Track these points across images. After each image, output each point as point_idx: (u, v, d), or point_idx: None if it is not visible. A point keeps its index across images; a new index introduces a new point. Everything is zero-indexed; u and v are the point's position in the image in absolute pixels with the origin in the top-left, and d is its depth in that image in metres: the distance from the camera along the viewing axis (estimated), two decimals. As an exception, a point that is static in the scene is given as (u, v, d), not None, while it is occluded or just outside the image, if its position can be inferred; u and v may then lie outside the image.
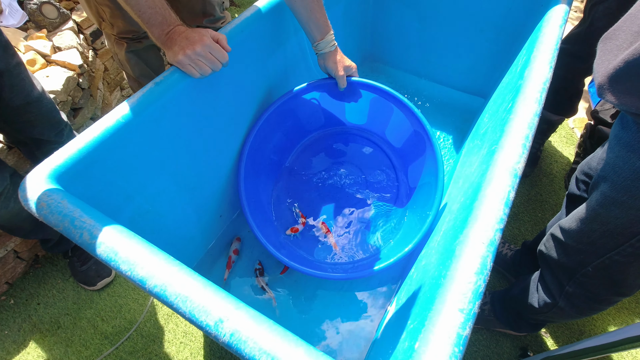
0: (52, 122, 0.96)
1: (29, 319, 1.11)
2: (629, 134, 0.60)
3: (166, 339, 1.06)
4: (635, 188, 0.59)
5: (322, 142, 1.23)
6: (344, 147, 1.23)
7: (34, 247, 1.19)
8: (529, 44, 0.92)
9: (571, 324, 1.10)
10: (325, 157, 1.22)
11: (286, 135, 1.15)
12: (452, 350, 0.41)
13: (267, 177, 1.13)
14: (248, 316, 0.43)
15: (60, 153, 0.60)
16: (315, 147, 1.23)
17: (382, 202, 1.13)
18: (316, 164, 1.20)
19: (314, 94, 1.06)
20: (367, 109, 1.12)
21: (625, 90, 0.56)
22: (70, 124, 1.04)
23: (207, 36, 0.71)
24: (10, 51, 0.82)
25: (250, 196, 1.01)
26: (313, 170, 1.20)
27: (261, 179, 1.10)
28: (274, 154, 1.14)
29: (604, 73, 0.59)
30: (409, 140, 1.07)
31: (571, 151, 1.52)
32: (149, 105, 0.70)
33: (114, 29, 1.00)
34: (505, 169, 0.58)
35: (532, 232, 1.28)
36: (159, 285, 0.46)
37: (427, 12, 1.29)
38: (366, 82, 0.96)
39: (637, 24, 0.56)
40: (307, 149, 1.22)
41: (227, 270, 1.03)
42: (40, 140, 0.96)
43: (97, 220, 0.52)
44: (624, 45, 0.56)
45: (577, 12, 2.12)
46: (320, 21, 0.88)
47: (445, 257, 0.56)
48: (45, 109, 0.92)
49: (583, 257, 0.72)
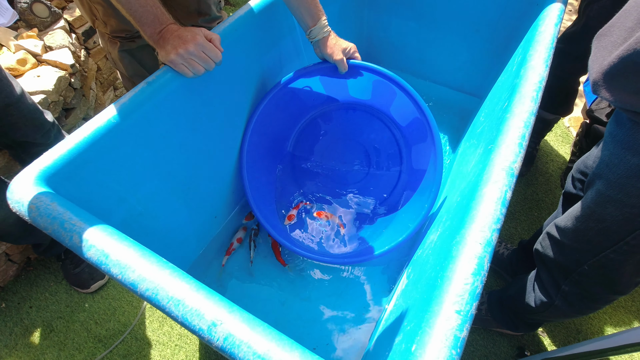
0: (36, 124, 0.93)
1: (21, 323, 1.09)
2: (624, 131, 0.60)
3: (161, 342, 1.05)
4: (630, 185, 0.59)
5: (326, 118, 1.19)
6: (348, 123, 1.19)
7: (26, 250, 1.17)
8: (525, 43, 0.92)
9: (568, 324, 1.10)
10: (328, 135, 1.19)
11: (289, 117, 1.13)
12: (449, 352, 0.40)
13: (271, 161, 1.14)
14: (242, 319, 0.42)
15: (49, 154, 0.59)
16: (318, 125, 1.19)
17: (385, 183, 1.14)
18: (319, 144, 1.19)
19: (315, 78, 1.03)
20: (370, 89, 1.09)
21: (620, 87, 0.56)
22: (58, 124, 1.02)
23: (200, 35, 0.70)
24: None
25: (254, 182, 1.01)
26: (316, 150, 1.19)
27: (264, 163, 1.10)
28: (276, 137, 1.13)
29: (598, 70, 0.59)
30: (412, 122, 1.05)
31: (567, 150, 1.52)
32: (141, 105, 0.69)
33: (107, 27, 0.99)
34: (502, 168, 0.58)
35: (528, 231, 1.28)
36: (151, 289, 0.45)
37: (422, 11, 1.29)
38: (368, 65, 0.91)
39: (631, 20, 0.55)
40: (309, 127, 1.19)
41: (225, 257, 1.05)
42: (26, 142, 0.94)
43: (87, 223, 0.51)
44: (618, 42, 0.56)
45: (571, 12, 2.13)
46: (311, 6, 0.84)
47: (441, 257, 0.56)
48: (27, 110, 0.90)
49: (579, 256, 0.72)
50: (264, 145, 1.08)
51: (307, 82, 1.03)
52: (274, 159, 1.15)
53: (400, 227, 0.99)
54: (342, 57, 0.88)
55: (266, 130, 1.07)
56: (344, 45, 0.89)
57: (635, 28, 0.53)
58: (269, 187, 1.13)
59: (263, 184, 1.09)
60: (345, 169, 1.18)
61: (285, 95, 1.03)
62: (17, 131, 0.90)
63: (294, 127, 1.17)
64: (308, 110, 1.15)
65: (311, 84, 1.05)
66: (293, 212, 1.11)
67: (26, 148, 0.96)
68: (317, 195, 1.17)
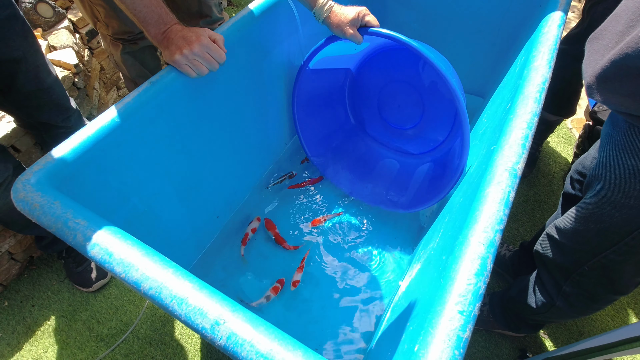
0: (61, 109, 0.98)
1: (23, 321, 1.10)
2: (619, 132, 0.60)
3: (163, 342, 1.05)
4: (628, 186, 0.59)
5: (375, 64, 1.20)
6: (396, 67, 1.19)
7: (29, 249, 1.17)
8: (528, 44, 0.92)
9: (570, 325, 1.10)
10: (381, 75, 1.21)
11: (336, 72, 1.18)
12: (452, 353, 0.40)
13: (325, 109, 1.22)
14: (245, 319, 0.42)
15: (53, 153, 0.59)
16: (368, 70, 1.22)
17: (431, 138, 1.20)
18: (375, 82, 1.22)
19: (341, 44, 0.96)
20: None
21: (613, 90, 0.56)
22: (79, 110, 1.07)
23: (204, 36, 0.70)
24: (30, 39, 0.85)
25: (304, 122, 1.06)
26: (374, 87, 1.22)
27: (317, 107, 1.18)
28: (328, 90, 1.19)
29: (592, 73, 0.59)
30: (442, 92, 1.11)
31: (569, 152, 1.52)
32: (144, 104, 0.69)
33: (109, 29, 0.99)
34: (505, 169, 0.58)
35: (530, 232, 1.27)
36: (154, 288, 0.45)
37: (425, 12, 1.29)
38: (387, 32, 0.83)
39: (621, 24, 0.56)
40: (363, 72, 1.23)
41: (242, 247, 1.06)
42: (48, 124, 0.99)
43: (90, 222, 0.51)
44: (610, 45, 0.57)
45: (575, 13, 2.12)
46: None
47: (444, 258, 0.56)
48: (56, 96, 0.95)
49: (579, 257, 0.72)
50: (317, 93, 1.12)
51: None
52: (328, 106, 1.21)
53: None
54: (352, 31, 0.83)
55: (316, 84, 1.10)
56: (351, 15, 0.83)
57: (625, 32, 0.54)
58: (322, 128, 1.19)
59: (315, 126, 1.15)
60: (399, 115, 1.22)
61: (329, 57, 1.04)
62: (42, 114, 0.96)
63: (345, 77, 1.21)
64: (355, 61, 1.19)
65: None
66: (320, 218, 1.13)
67: (48, 130, 1.01)
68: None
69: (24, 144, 1.09)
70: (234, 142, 0.99)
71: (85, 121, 1.09)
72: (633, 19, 0.53)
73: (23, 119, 0.99)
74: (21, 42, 0.82)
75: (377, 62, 1.19)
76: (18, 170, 0.92)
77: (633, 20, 0.53)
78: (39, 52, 0.88)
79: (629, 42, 0.51)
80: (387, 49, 1.15)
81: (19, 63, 0.83)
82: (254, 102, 1.01)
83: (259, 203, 1.16)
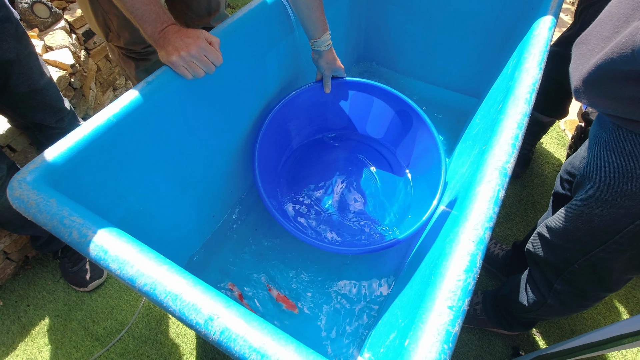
0: (54, 110, 0.99)
1: (18, 321, 1.09)
2: (607, 133, 0.61)
3: (158, 341, 1.05)
4: (617, 187, 0.60)
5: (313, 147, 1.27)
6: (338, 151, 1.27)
7: (24, 248, 1.17)
8: (520, 46, 0.94)
9: (562, 323, 1.11)
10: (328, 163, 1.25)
11: (284, 136, 1.19)
12: (442, 347, 0.41)
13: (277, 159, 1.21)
14: (238, 314, 0.43)
15: (49, 152, 0.60)
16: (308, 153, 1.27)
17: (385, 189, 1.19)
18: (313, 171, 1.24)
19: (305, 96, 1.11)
20: (348, 108, 1.22)
21: (599, 93, 0.58)
22: (73, 110, 1.07)
23: (201, 38, 0.70)
24: (24, 42, 0.86)
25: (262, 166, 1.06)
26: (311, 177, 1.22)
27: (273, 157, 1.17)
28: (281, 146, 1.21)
29: (579, 77, 0.61)
30: (391, 123, 1.17)
31: (562, 152, 1.53)
32: (140, 104, 0.69)
33: (121, 40, 0.98)
34: (495, 168, 0.59)
35: (523, 232, 1.29)
36: (149, 284, 0.46)
37: (419, 14, 1.31)
38: (349, 80, 1.08)
39: (607, 29, 0.57)
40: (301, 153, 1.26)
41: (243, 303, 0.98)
42: (42, 125, 0.99)
43: (86, 219, 0.52)
44: (595, 50, 0.58)
45: (569, 16, 2.15)
46: (319, 20, 0.92)
47: (435, 255, 0.57)
48: (49, 98, 0.95)
49: (569, 255, 0.73)
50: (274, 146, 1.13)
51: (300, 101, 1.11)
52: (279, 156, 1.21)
53: (413, 218, 1.03)
54: (330, 75, 1.03)
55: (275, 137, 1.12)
56: (336, 66, 1.03)
57: (611, 37, 0.55)
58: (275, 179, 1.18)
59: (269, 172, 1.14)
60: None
61: (280, 119, 1.10)
62: (36, 114, 0.96)
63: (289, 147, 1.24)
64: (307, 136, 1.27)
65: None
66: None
67: (42, 130, 1.01)
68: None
69: (19, 143, 1.09)
70: (229, 142, 0.99)
71: (81, 122, 1.09)
72: (618, 25, 0.55)
73: (16, 119, 0.99)
74: (15, 44, 0.82)
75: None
76: (12, 170, 0.93)
77: (618, 26, 0.55)
78: (33, 53, 0.89)
79: (614, 47, 0.53)
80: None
81: (12, 65, 0.84)
82: (250, 101, 1.01)
83: (254, 203, 1.17)
